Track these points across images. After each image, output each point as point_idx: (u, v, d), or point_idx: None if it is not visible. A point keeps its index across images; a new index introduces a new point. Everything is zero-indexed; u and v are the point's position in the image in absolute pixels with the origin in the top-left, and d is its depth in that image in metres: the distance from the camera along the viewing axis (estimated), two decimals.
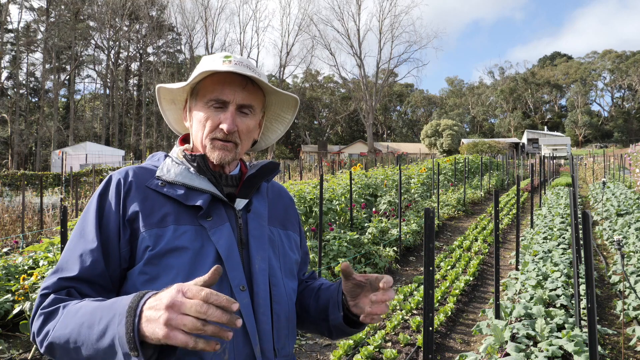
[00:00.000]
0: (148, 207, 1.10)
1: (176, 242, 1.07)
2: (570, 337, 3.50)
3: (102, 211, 1.11)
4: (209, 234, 1.10)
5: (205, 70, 1.15)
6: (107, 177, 1.16)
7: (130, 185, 1.13)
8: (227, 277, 1.08)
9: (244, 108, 1.18)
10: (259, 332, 1.10)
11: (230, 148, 1.18)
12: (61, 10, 49.27)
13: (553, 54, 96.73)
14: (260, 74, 1.21)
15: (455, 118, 71.99)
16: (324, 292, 1.28)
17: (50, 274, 1.08)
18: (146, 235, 1.07)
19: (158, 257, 1.05)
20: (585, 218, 2.38)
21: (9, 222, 10.89)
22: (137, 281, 1.06)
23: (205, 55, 1.27)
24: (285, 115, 1.33)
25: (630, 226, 7.95)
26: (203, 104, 1.18)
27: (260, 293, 1.12)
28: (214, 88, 1.17)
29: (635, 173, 14.31)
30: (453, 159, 20.68)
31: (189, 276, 1.05)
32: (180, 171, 1.16)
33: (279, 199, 1.34)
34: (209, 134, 1.18)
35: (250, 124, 1.20)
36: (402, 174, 11.06)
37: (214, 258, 1.08)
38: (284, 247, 1.25)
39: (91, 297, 1.04)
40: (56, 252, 4.76)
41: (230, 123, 1.15)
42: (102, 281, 1.07)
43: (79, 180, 19.35)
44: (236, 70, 1.13)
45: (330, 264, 6.24)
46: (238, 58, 1.20)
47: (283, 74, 57.09)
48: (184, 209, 1.11)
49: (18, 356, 3.96)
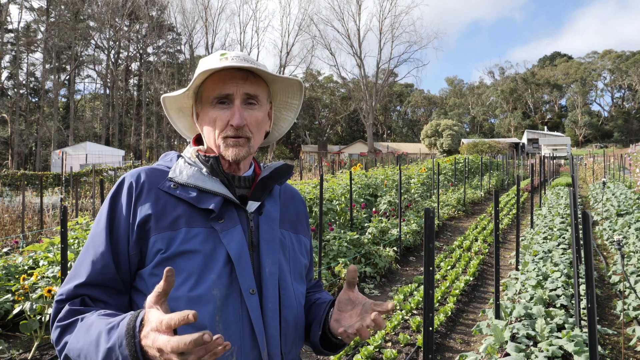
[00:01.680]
0: (160, 209, 1.10)
1: (187, 245, 1.07)
2: (570, 337, 3.50)
3: (113, 215, 1.11)
4: (220, 237, 1.10)
5: (204, 71, 1.14)
6: (120, 179, 1.16)
7: (142, 187, 1.13)
8: (237, 280, 1.08)
9: (250, 99, 1.18)
10: (267, 336, 1.09)
11: (243, 143, 1.17)
12: (61, 10, 49.25)
13: (553, 54, 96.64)
14: (259, 64, 1.20)
15: (455, 118, 72.02)
16: (316, 307, 1.27)
17: (66, 280, 1.10)
18: (158, 238, 1.07)
19: (169, 260, 1.06)
20: (585, 218, 2.38)
21: (9, 222, 10.89)
22: (148, 282, 1.07)
23: (204, 57, 1.26)
24: (292, 101, 1.32)
25: (630, 226, 7.94)
26: (208, 105, 1.18)
27: (270, 297, 1.12)
28: (216, 86, 1.17)
29: (635, 173, 14.31)
30: (453, 159, 20.68)
31: (200, 278, 1.05)
32: (192, 173, 1.15)
33: (291, 202, 1.33)
34: (220, 133, 1.17)
35: (258, 116, 1.19)
36: (402, 174, 11.06)
37: (224, 261, 1.08)
38: (294, 251, 1.25)
39: (104, 301, 1.07)
40: (56, 252, 4.76)
41: (238, 117, 1.15)
42: (114, 284, 1.09)
43: (79, 180, 19.35)
44: (234, 65, 1.13)
45: (330, 264, 6.24)
46: (234, 53, 1.19)
47: (283, 74, 56.98)
48: (196, 211, 1.12)
49: (18, 356, 3.96)
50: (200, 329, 0.86)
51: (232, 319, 1.07)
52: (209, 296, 1.05)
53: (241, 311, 1.08)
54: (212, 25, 55.22)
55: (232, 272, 1.09)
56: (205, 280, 1.06)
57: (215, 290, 1.06)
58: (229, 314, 1.06)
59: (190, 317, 0.79)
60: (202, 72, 1.15)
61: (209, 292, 1.05)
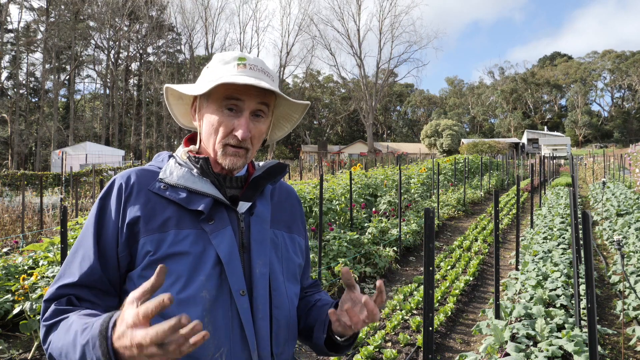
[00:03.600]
0: (149, 211, 1.09)
1: (177, 247, 1.06)
2: (570, 337, 3.50)
3: (102, 216, 1.11)
4: (210, 238, 1.09)
5: (222, 83, 1.10)
6: (110, 181, 1.15)
7: (131, 189, 1.12)
8: (227, 282, 1.08)
9: (258, 111, 1.16)
10: (257, 337, 1.09)
11: (242, 154, 1.16)
12: (61, 10, 49.23)
13: (553, 54, 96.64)
14: (273, 76, 1.19)
15: (455, 118, 72.01)
16: (316, 310, 1.26)
17: (54, 281, 1.10)
18: (147, 240, 1.06)
19: (158, 262, 1.05)
20: (585, 218, 2.38)
21: (9, 222, 10.89)
22: (137, 283, 1.06)
23: (217, 53, 1.23)
24: (293, 114, 1.31)
25: (630, 226, 7.95)
26: (216, 107, 1.15)
27: (260, 298, 1.11)
28: (229, 93, 1.14)
29: (635, 173, 14.32)
30: (453, 159, 20.68)
31: (189, 280, 1.05)
32: (182, 174, 1.14)
33: (286, 201, 1.32)
34: (222, 139, 1.15)
35: (263, 128, 1.18)
36: (402, 174, 11.06)
37: (214, 262, 1.08)
38: (287, 251, 1.23)
39: (91, 301, 1.07)
40: (56, 252, 4.76)
41: (245, 130, 1.13)
42: (101, 286, 1.08)
43: (78, 180, 19.35)
44: (254, 84, 1.09)
45: (330, 264, 6.24)
46: (252, 60, 1.17)
47: (283, 74, 57.06)
48: (185, 213, 1.11)
49: (18, 356, 3.96)
50: None
51: (222, 320, 1.06)
52: (198, 298, 1.04)
53: (231, 313, 1.07)
54: (212, 25, 55.28)
55: (221, 273, 1.08)
56: (194, 282, 1.05)
57: (204, 292, 1.05)
58: (218, 316, 1.06)
59: (166, 301, 0.78)
60: (220, 85, 1.11)
61: (198, 294, 1.04)
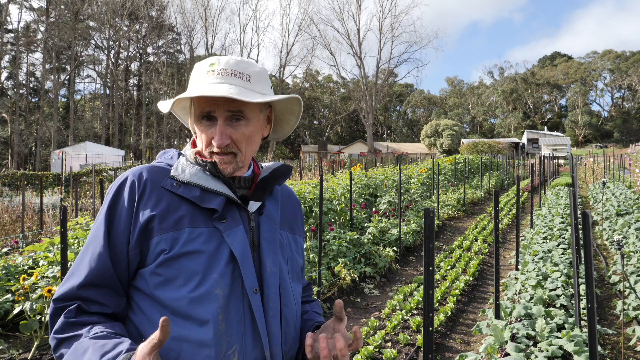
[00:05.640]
0: (163, 209, 1.09)
1: (191, 246, 1.07)
2: (570, 337, 3.49)
3: (113, 214, 1.10)
4: (223, 236, 1.10)
5: (177, 99, 1.14)
6: (121, 177, 1.14)
7: (145, 186, 1.11)
8: (240, 279, 1.09)
9: (235, 115, 1.14)
10: (269, 335, 1.10)
11: (229, 160, 1.16)
12: (61, 10, 49.20)
13: (553, 54, 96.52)
14: (251, 75, 1.16)
15: (455, 118, 72.03)
16: (302, 322, 1.28)
17: (64, 280, 1.09)
18: (162, 239, 1.07)
19: (173, 260, 1.06)
20: (585, 218, 2.38)
21: (9, 222, 10.89)
22: (150, 281, 1.07)
23: (199, 61, 1.22)
24: (294, 107, 1.31)
25: (630, 226, 7.94)
26: (196, 117, 1.17)
27: (271, 296, 1.12)
28: (199, 103, 1.15)
29: (635, 173, 14.32)
30: (453, 159, 20.67)
31: (204, 278, 1.06)
32: (195, 172, 1.15)
33: (288, 202, 1.33)
34: (206, 148, 1.16)
35: (245, 131, 1.16)
36: (402, 174, 11.06)
37: (227, 260, 1.09)
38: (292, 251, 1.25)
39: (100, 302, 1.07)
40: (56, 252, 4.75)
41: (218, 138, 1.13)
42: (111, 285, 1.08)
43: (78, 180, 19.34)
44: (205, 94, 1.08)
45: (330, 264, 6.23)
46: (222, 65, 1.15)
47: (283, 74, 57.09)
48: (198, 211, 1.11)
49: (18, 356, 3.95)
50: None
51: (235, 318, 1.07)
52: (212, 296, 1.05)
53: (243, 310, 1.08)
54: (212, 25, 55.20)
55: (234, 271, 1.09)
56: (209, 279, 1.06)
57: (218, 289, 1.06)
58: (231, 313, 1.07)
59: None
60: (177, 99, 1.14)
61: (212, 291, 1.05)
